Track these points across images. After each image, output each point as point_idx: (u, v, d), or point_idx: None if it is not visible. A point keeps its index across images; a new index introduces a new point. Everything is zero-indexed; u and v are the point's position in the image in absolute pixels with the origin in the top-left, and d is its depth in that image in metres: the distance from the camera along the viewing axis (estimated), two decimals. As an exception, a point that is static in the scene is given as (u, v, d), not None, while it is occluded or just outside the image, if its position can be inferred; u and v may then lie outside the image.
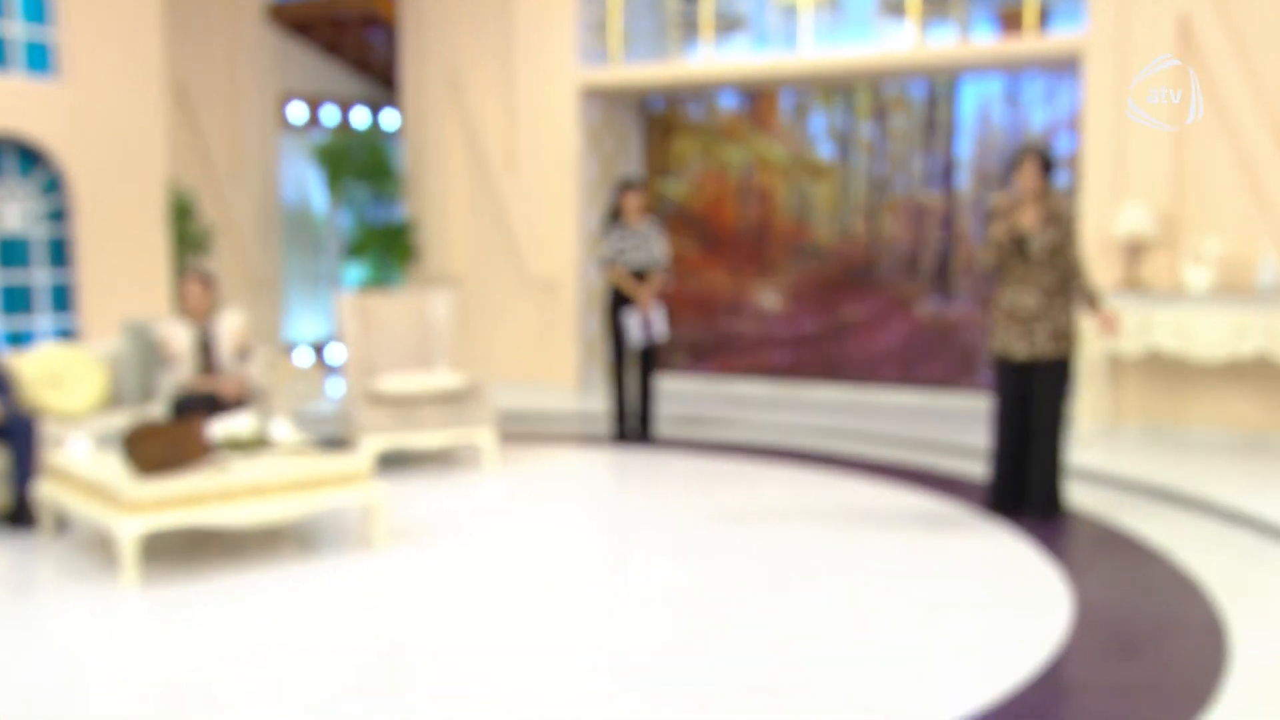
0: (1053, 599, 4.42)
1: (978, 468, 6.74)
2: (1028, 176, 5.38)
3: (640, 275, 7.50)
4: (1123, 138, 7.25)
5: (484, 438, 6.79)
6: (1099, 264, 7.33)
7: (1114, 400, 7.41)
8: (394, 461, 7.00)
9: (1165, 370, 7.27)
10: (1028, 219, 5.41)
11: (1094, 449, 7.03)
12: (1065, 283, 5.40)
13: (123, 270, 7.65)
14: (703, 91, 9.54)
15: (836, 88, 9.05)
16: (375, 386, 6.68)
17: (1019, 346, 5.44)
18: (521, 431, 7.94)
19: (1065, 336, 5.39)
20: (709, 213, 9.68)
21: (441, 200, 9.92)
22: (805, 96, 9.26)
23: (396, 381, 6.70)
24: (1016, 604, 4.40)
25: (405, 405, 6.62)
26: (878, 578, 4.73)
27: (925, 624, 4.18)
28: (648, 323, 7.46)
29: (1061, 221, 5.35)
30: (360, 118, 10.78)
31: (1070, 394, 5.48)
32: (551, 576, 4.80)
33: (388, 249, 9.88)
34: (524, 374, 9.61)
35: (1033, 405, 5.47)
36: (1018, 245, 5.39)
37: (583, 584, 4.73)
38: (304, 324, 10.91)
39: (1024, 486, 5.59)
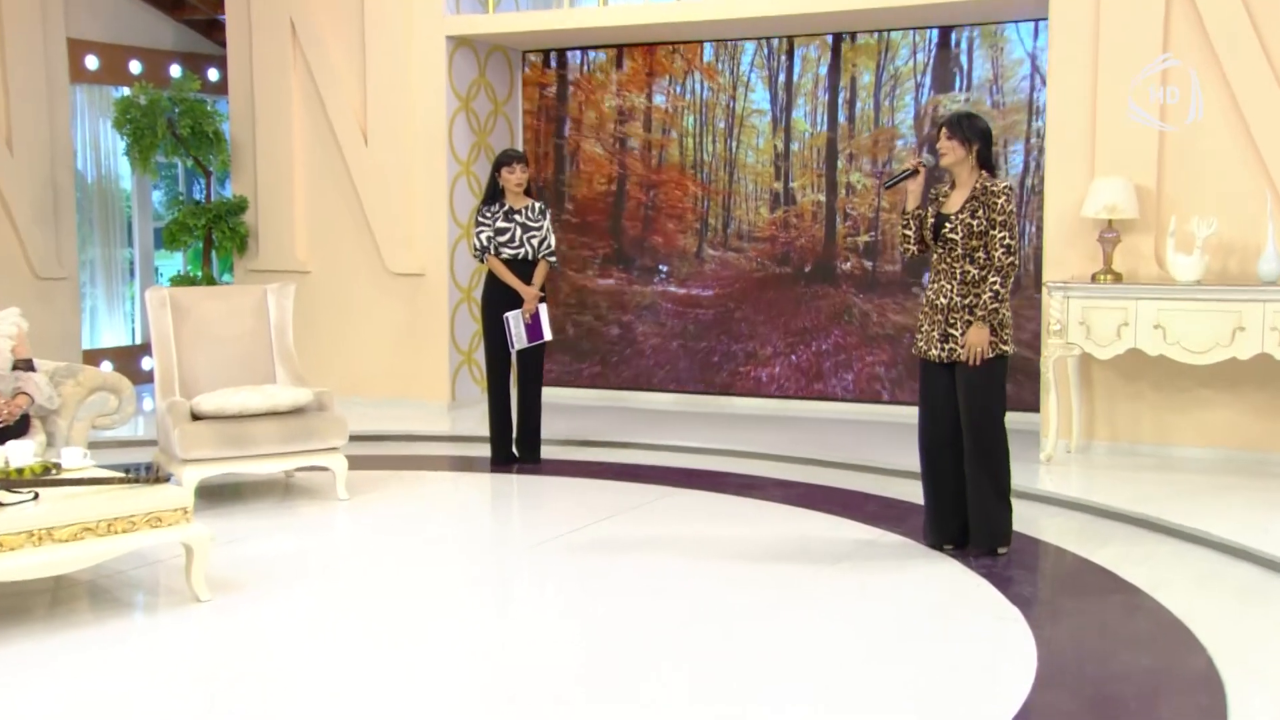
0: (1012, 651, 4.42)
1: (919, 490, 6.76)
2: (941, 148, 5.44)
3: (522, 267, 7.48)
4: (1095, 98, 7.40)
5: (334, 464, 6.73)
6: (1065, 251, 7.46)
7: (1084, 412, 7.53)
8: (221, 495, 6.86)
9: (1146, 376, 7.41)
10: (952, 200, 5.48)
11: (1060, 471, 7.14)
12: (984, 271, 5.42)
13: None
14: (598, 43, 9.53)
15: (766, 36, 9.13)
16: (197, 404, 6.53)
17: (937, 344, 5.49)
18: (381, 456, 7.88)
19: (992, 331, 5.41)
20: (600, 196, 9.68)
21: (279, 176, 9.77)
22: (729, 51, 9.30)
23: (224, 398, 6.56)
24: (967, 659, 4.39)
25: (235, 426, 6.48)
26: (801, 623, 4.73)
27: (851, 685, 4.14)
28: (532, 323, 7.46)
29: (985, 204, 5.37)
30: (177, 73, 10.52)
31: (1001, 400, 5.50)
32: (419, 631, 4.70)
33: (212, 235, 9.70)
34: (384, 387, 9.54)
35: (961, 416, 5.51)
36: (934, 229, 5.46)
37: (457, 639, 4.64)
38: (107, 328, 10.61)
39: (962, 516, 5.62)
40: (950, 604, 5.01)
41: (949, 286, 5.45)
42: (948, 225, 5.40)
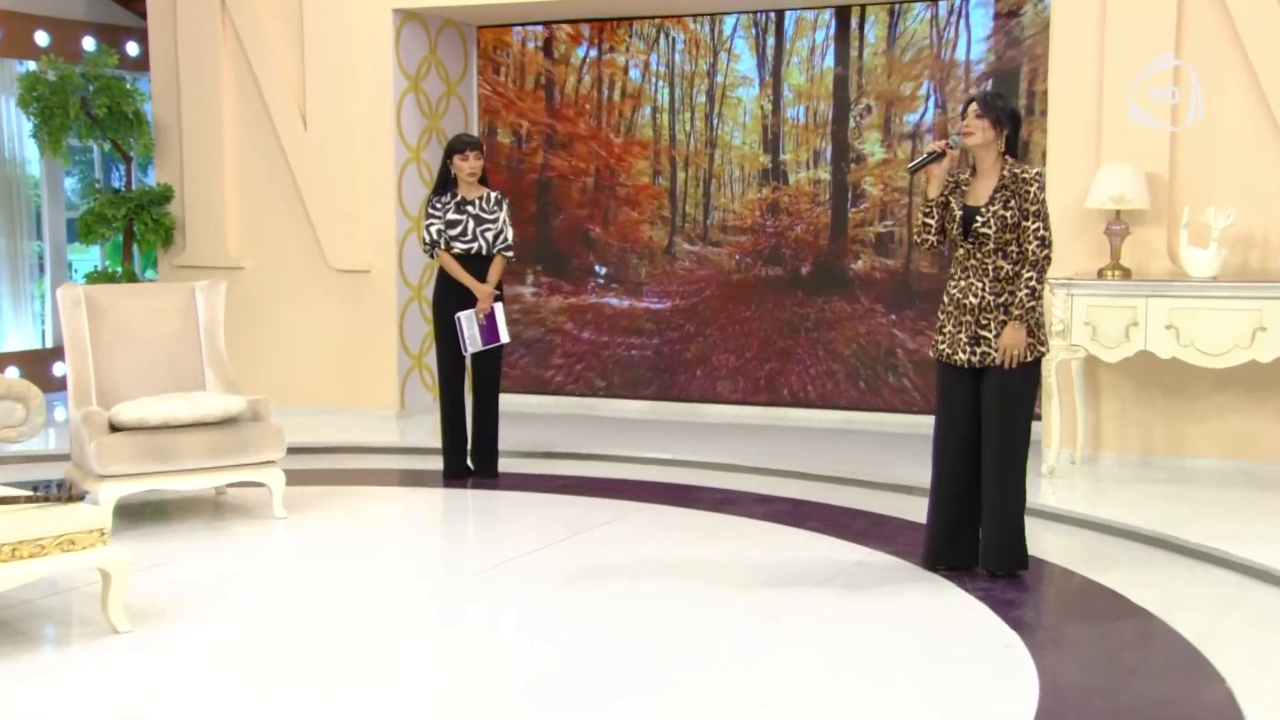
0: (1012, 681, 4.42)
1: (914, 506, 6.78)
2: (969, 128, 5.41)
3: (475, 263, 7.47)
4: (1101, 77, 7.43)
5: (270, 479, 6.69)
6: (1068, 245, 7.47)
7: (1090, 421, 7.55)
8: (143, 514, 6.81)
9: (1157, 381, 7.44)
10: (977, 189, 5.45)
11: (1064, 484, 7.16)
12: (1019, 266, 5.42)
13: None
14: (561, 17, 9.50)
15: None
16: (116, 414, 6.47)
17: (965, 347, 5.47)
18: (322, 470, 7.85)
19: (1028, 332, 5.42)
20: (564, 187, 9.64)
21: (208, 162, 9.72)
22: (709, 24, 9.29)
23: (146, 407, 6.50)
24: (963, 689, 4.38)
25: (159, 439, 6.44)
26: (785, 650, 4.71)
27: (839, 717, 4.14)
28: (487, 324, 7.46)
29: (1016, 193, 5.36)
30: (91, 46, 10.40)
31: (1032, 407, 5.53)
32: (361, 664, 4.65)
33: (134, 227, 9.63)
34: (326, 395, 9.52)
35: (984, 425, 5.50)
36: (962, 223, 5.42)
37: (402, 672, 4.59)
38: (13, 330, 10.49)
39: (971, 536, 5.62)
40: (945, 629, 5.00)
41: (980, 284, 5.42)
42: (979, 219, 5.37)
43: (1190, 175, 7.30)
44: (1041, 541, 6.14)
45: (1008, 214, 5.32)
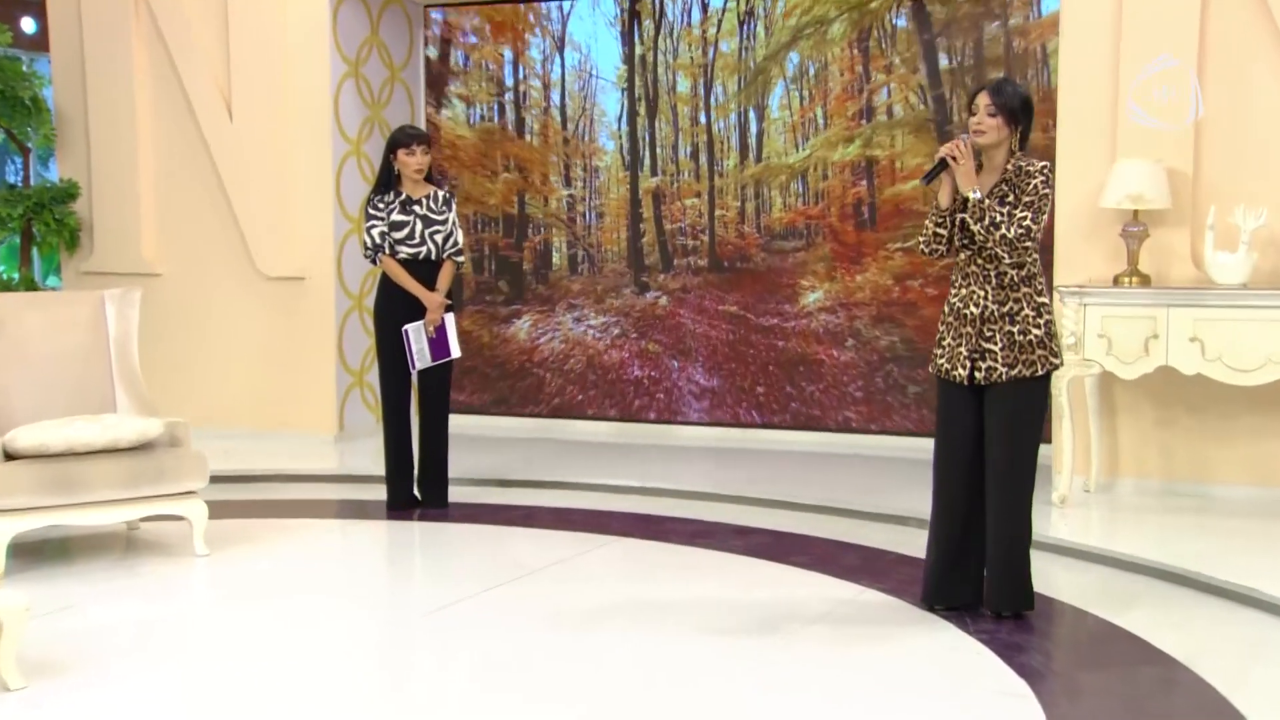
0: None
1: (910, 538, 6.79)
2: (980, 126, 5.40)
3: (423, 269, 7.46)
4: (1117, 60, 7.44)
5: (190, 512, 6.67)
6: (1080, 248, 7.50)
7: (1105, 444, 7.56)
8: (43, 553, 6.76)
9: (1180, 399, 7.45)
10: (979, 187, 5.43)
11: (1077, 514, 7.16)
12: (1026, 271, 5.41)
13: None
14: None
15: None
16: (12, 439, 6.42)
17: (965, 362, 5.47)
18: (251, 501, 7.85)
19: (1032, 346, 5.42)
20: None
21: (119, 156, 9.71)
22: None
23: (47, 432, 6.46)
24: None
25: (62, 467, 6.40)
26: (767, 699, 4.68)
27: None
28: (437, 337, 7.47)
29: (1016, 185, 5.36)
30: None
31: (1040, 429, 5.53)
32: (289, 724, 4.61)
33: (33, 228, 9.59)
34: (256, 416, 9.51)
35: (986, 448, 5.51)
36: (962, 224, 5.42)
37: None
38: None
39: (974, 572, 5.62)
40: (945, 676, 4.97)
41: (982, 292, 5.42)
42: (971, 218, 5.37)
43: (1216, 171, 7.32)
44: (1052, 578, 6.14)
45: (1003, 209, 5.33)
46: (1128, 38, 7.39)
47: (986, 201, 5.29)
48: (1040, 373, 5.39)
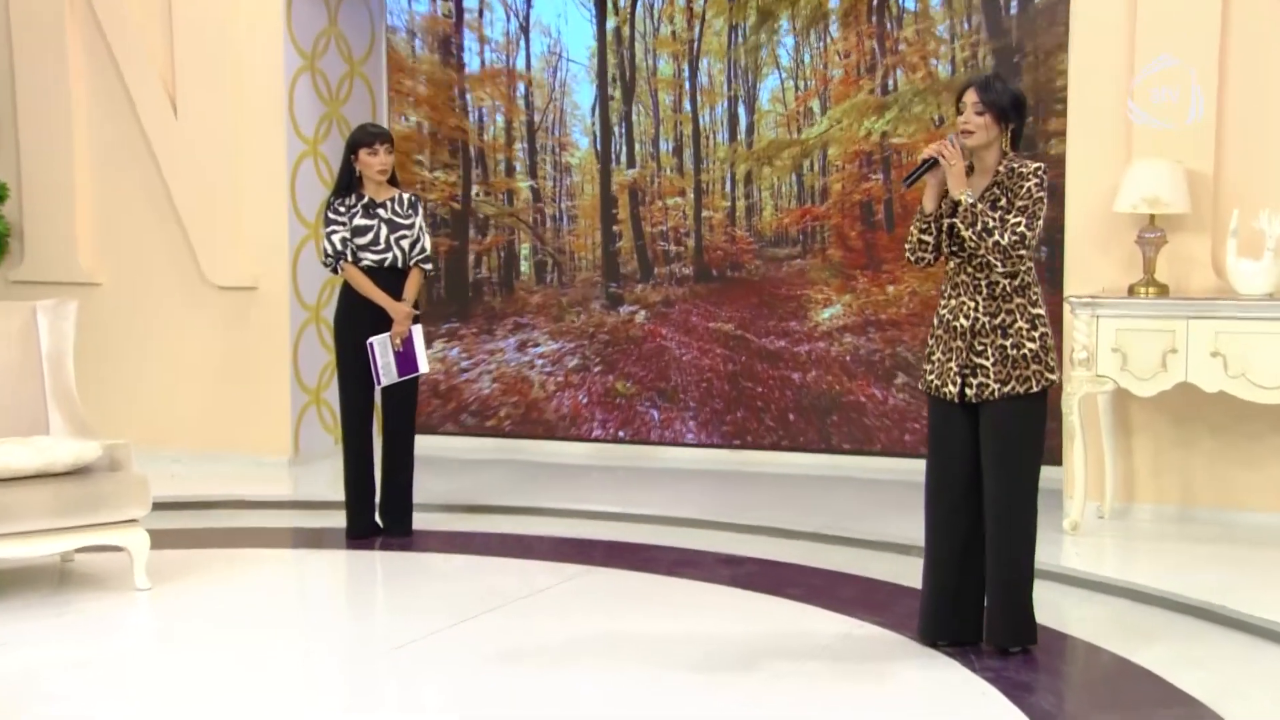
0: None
1: (912, 569, 6.72)
2: (968, 125, 5.40)
3: (389, 276, 7.45)
4: (1132, 56, 7.45)
5: (131, 543, 6.63)
6: (1092, 256, 7.51)
7: (1120, 466, 7.56)
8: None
9: (1201, 418, 7.44)
10: (969, 188, 5.44)
11: (1091, 542, 7.16)
12: (1020, 280, 5.42)
13: None
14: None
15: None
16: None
17: (956, 378, 5.47)
18: (197, 530, 7.81)
19: (1026, 361, 5.41)
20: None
21: (53, 156, 9.67)
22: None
23: (-27, 453, 6.44)
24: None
25: (-10, 492, 6.37)
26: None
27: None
28: (404, 350, 7.44)
29: (1009, 189, 5.36)
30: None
31: (1039, 450, 5.52)
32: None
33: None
34: (203, 438, 9.47)
35: (983, 470, 5.51)
36: (948, 227, 5.44)
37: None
38: None
39: (977, 605, 5.61)
40: (948, 718, 4.96)
41: (972, 303, 5.43)
42: (960, 224, 5.37)
43: (1239, 172, 7.33)
44: (1064, 611, 6.15)
45: (995, 214, 5.34)
46: (1142, 33, 7.38)
47: (979, 206, 5.29)
48: (1035, 389, 5.39)
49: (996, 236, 5.25)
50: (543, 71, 9.70)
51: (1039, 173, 5.36)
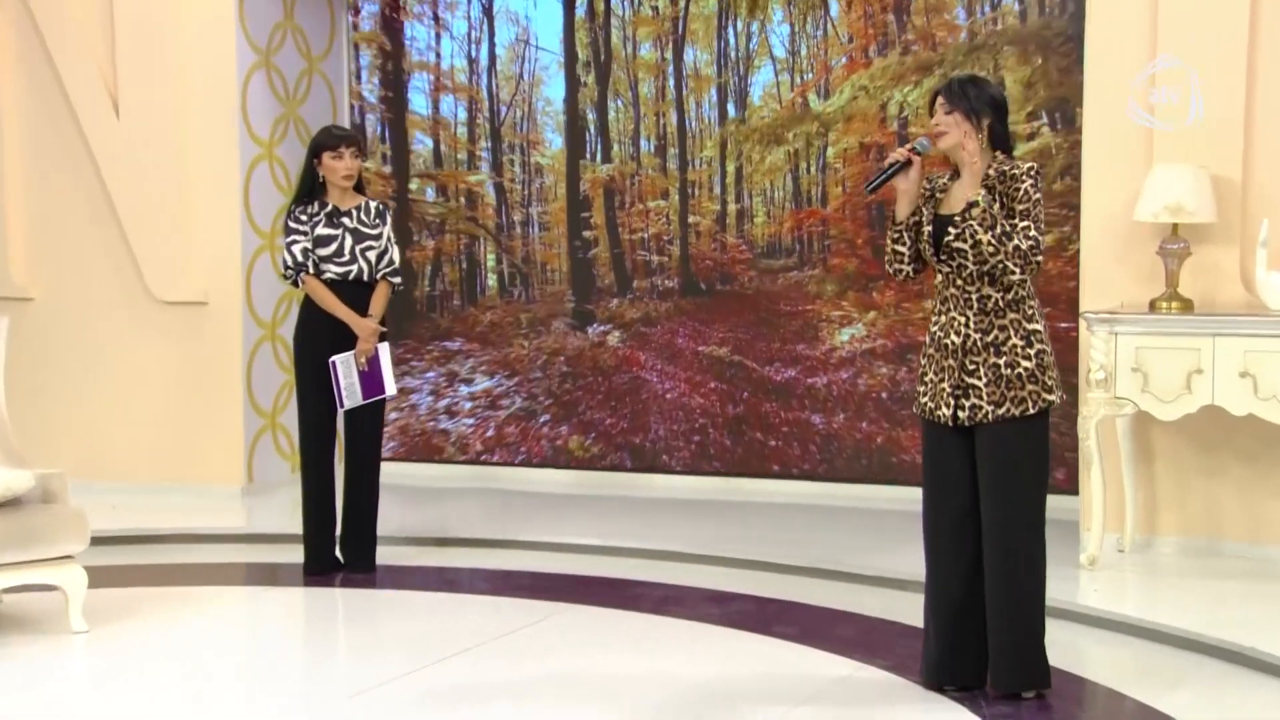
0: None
1: (917, 606, 6.69)
2: (940, 126, 5.43)
3: (354, 290, 7.45)
4: (1154, 52, 7.44)
5: (67, 581, 6.59)
6: (1110, 269, 7.51)
7: (1141, 496, 7.55)
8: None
9: (1229, 444, 7.43)
10: (955, 195, 5.48)
11: (1110, 578, 7.15)
12: (1014, 294, 5.42)
13: None
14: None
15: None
16: None
17: (949, 399, 5.47)
18: (141, 567, 7.77)
19: (1021, 380, 5.40)
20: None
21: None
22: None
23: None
24: None
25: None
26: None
27: None
28: (369, 370, 7.44)
29: (1003, 193, 5.38)
30: None
31: (1043, 476, 5.52)
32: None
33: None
34: (148, 467, 9.44)
35: (981, 498, 5.50)
36: (933, 239, 5.45)
37: None
38: None
39: (983, 645, 5.57)
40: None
41: (962, 319, 5.43)
42: (952, 231, 5.38)
43: (1270, 178, 7.33)
44: (1082, 653, 6.13)
45: (988, 221, 5.34)
46: (1164, 28, 7.38)
47: (995, 207, 5.27)
48: (1032, 411, 5.39)
49: (1017, 240, 5.26)
50: (511, 64, 9.68)
51: (1032, 173, 5.39)
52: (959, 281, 5.42)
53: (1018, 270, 5.29)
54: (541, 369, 9.43)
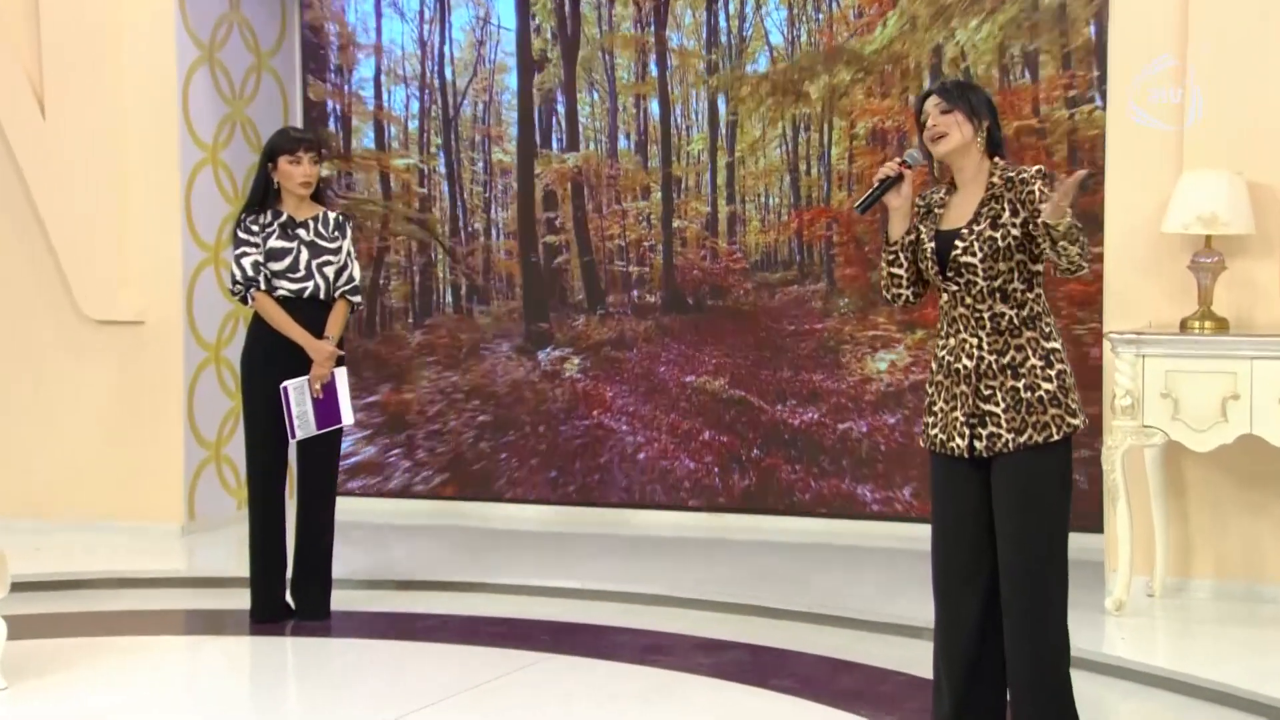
0: None
1: (926, 655, 6.68)
2: (939, 128, 5.42)
3: (309, 309, 7.46)
4: (1184, 48, 7.46)
5: None
6: (1136, 285, 7.54)
7: (1173, 534, 7.54)
8: None
9: (1272, 478, 7.44)
10: (956, 208, 5.48)
11: (1138, 625, 7.14)
12: (1029, 310, 5.42)
13: None
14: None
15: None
16: None
17: (963, 429, 5.46)
18: (69, 615, 7.79)
19: (1043, 404, 5.39)
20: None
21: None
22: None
23: None
24: None
25: None
26: None
27: None
28: (325, 397, 7.46)
29: (1018, 199, 5.36)
30: None
31: (1064, 512, 5.46)
32: None
33: None
34: (78, 503, 9.45)
35: (998, 536, 5.47)
36: (937, 256, 5.44)
37: None
38: None
39: (999, 696, 5.55)
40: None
41: (974, 340, 5.41)
42: (958, 245, 5.38)
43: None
44: (1106, 708, 6.13)
45: (999, 234, 5.34)
46: (1195, 19, 7.39)
47: (1069, 217, 5.22)
48: (1056, 436, 5.35)
49: (1084, 239, 5.27)
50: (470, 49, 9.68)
51: (1041, 174, 5.37)
52: (968, 300, 5.39)
53: (1086, 267, 5.29)
54: (461, 413, 9.35)
